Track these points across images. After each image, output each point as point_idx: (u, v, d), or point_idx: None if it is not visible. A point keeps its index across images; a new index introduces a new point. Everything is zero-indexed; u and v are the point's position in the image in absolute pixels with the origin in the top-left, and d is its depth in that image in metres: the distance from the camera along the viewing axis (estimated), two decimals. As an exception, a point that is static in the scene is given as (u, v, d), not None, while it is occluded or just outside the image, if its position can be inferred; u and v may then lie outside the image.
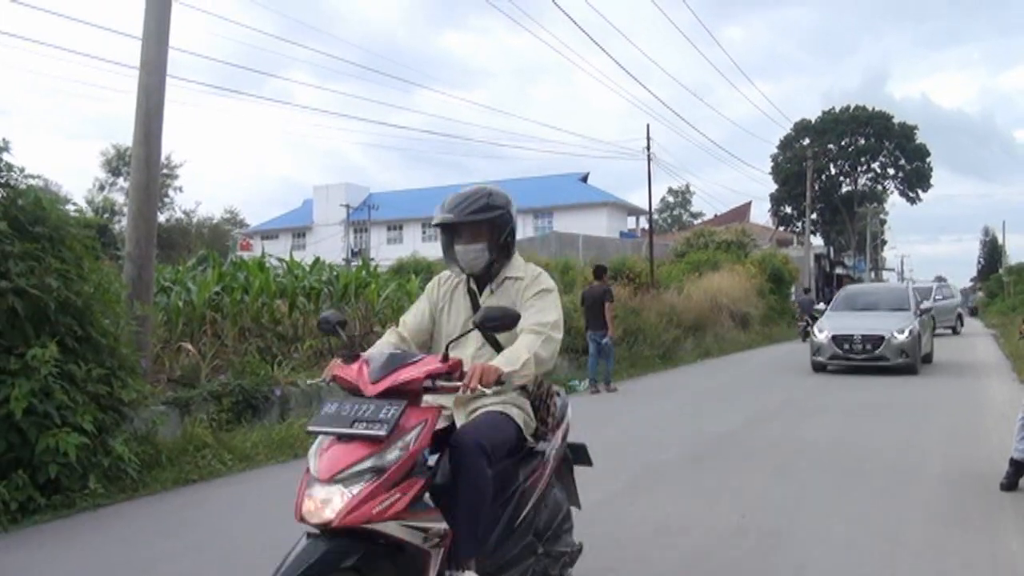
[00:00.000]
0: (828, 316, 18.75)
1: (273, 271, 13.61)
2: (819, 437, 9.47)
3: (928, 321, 18.98)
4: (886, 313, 17.88)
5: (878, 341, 16.53)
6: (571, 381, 15.02)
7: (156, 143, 9.59)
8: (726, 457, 8.45)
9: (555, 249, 43.95)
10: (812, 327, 19.04)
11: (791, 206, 71.88)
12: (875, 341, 16.56)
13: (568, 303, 17.64)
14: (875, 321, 17.29)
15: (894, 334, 16.53)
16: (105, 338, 7.10)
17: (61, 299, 6.62)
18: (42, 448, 6.21)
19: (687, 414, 11.64)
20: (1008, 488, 6.55)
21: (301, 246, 65.47)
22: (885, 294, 20.13)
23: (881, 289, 22.76)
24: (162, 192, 61.77)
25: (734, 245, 39.33)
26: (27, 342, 6.39)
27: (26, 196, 6.90)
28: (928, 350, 18.66)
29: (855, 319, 17.75)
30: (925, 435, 9.53)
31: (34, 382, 6.19)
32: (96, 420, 6.68)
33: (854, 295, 20.35)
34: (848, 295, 20.41)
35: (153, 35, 9.50)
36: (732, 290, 28.71)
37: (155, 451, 7.60)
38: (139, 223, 9.44)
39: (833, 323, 17.75)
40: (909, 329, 16.70)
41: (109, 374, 6.99)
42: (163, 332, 10.52)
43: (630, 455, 8.70)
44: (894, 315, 17.56)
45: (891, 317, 17.39)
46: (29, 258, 6.51)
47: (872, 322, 17.23)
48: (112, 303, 7.46)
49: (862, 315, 18.10)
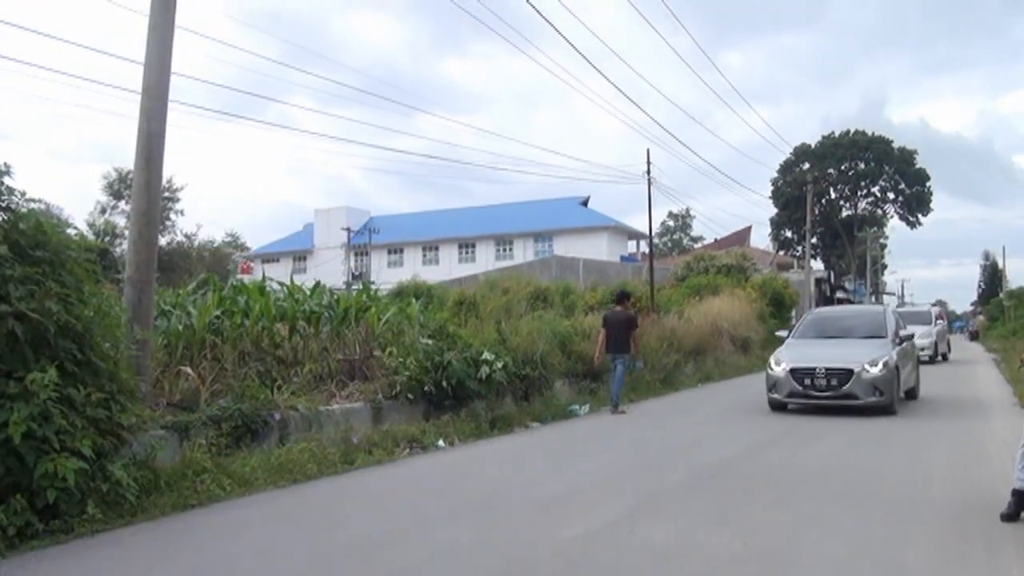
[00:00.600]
0: (789, 345, 16.03)
1: (274, 295, 13.59)
2: (819, 464, 9.43)
3: (911, 350, 16.44)
4: (858, 341, 15.27)
5: (845, 376, 13.95)
6: (570, 406, 14.96)
7: (157, 168, 9.62)
8: (727, 483, 8.41)
9: (555, 273, 44.04)
10: None
11: (791, 230, 72.09)
12: (842, 376, 13.97)
13: (568, 327, 17.67)
14: (844, 351, 14.71)
15: (865, 367, 13.92)
16: (105, 362, 7.09)
17: (61, 323, 6.62)
18: (41, 473, 6.19)
19: (687, 439, 11.60)
20: (1009, 519, 6.50)
21: (302, 269, 65.66)
22: (858, 319, 16.93)
23: (853, 313, 19.01)
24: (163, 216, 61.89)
25: (734, 269, 39.36)
26: (26, 366, 6.38)
27: (27, 220, 6.91)
28: (911, 384, 16.13)
29: (820, 349, 15.16)
30: (926, 462, 9.49)
31: (33, 406, 6.18)
32: (95, 445, 6.65)
33: (822, 320, 17.35)
34: (815, 320, 17.50)
35: (155, 61, 9.55)
36: (732, 314, 28.68)
37: (154, 476, 7.56)
38: (140, 247, 9.46)
39: (793, 353, 15.10)
40: (884, 361, 14.03)
41: (108, 398, 6.96)
42: (163, 356, 10.50)
43: (630, 481, 8.68)
44: (867, 344, 14.94)
45: (863, 346, 14.82)
46: (30, 282, 6.51)
47: (840, 352, 14.66)
48: (112, 327, 7.46)
49: (829, 344, 15.49)
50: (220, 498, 7.72)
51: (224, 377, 10.53)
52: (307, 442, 9.44)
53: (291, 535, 6.52)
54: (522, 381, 14.27)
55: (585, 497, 7.88)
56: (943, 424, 12.87)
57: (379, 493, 8.34)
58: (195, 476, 7.87)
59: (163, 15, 9.61)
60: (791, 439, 11.49)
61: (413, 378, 11.99)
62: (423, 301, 19.71)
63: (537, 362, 14.71)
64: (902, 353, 15.00)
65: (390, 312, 14.62)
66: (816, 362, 14.37)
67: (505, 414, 13.07)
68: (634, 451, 10.78)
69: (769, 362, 15.32)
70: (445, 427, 11.67)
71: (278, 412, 9.69)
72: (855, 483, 8.27)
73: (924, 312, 31.52)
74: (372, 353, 12.68)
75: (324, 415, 10.37)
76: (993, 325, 56.65)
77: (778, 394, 14.62)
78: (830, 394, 14.02)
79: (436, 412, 12.17)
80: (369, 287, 16.64)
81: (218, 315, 11.85)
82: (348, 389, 11.79)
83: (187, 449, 8.30)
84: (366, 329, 13.17)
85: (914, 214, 73.03)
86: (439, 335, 13.60)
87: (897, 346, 14.90)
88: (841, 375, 13.97)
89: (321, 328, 13.14)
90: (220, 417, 9.01)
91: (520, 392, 14.28)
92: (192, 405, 9.41)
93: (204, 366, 10.64)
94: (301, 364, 11.83)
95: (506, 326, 15.72)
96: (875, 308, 19.04)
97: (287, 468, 8.71)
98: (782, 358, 14.94)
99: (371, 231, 63.49)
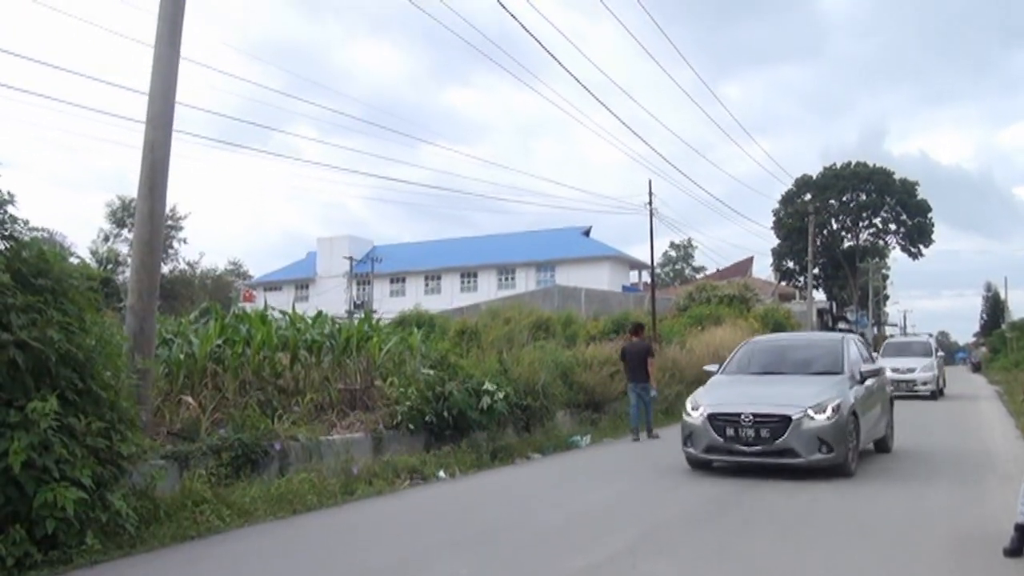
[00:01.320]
0: (714, 384, 12.32)
1: (275, 323, 13.59)
2: (821, 499, 9.35)
3: (879, 389, 12.74)
4: (805, 379, 11.68)
5: (780, 426, 10.40)
6: (572, 438, 14.90)
7: (160, 197, 9.66)
8: (727, 519, 8.35)
9: (557, 302, 44.01)
10: None
11: (793, 261, 72.04)
12: (775, 426, 10.42)
13: (570, 357, 17.64)
14: (783, 391, 11.18)
15: (808, 413, 10.39)
16: (106, 391, 7.08)
17: (62, 352, 6.61)
18: (40, 502, 6.16)
19: (688, 472, 11.51)
20: (1012, 554, 6.44)
21: (304, 298, 65.61)
22: (808, 350, 12.99)
23: (803, 342, 14.27)
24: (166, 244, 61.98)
25: (736, 299, 39.33)
26: (27, 395, 6.37)
27: (30, 248, 6.94)
28: (881, 433, 12.83)
29: (753, 387, 11.75)
30: (929, 498, 9.42)
31: (33, 435, 6.16)
32: (95, 474, 6.63)
33: (762, 351, 13.38)
34: (753, 350, 13.47)
35: (160, 91, 9.61)
36: (735, 345, 28.54)
37: (153, 506, 7.53)
38: (142, 276, 9.48)
39: (717, 395, 11.55)
40: (833, 405, 10.50)
41: (109, 428, 6.95)
42: (164, 384, 10.49)
43: (631, 513, 8.64)
44: (816, 382, 11.41)
45: (810, 384, 11.27)
46: (31, 310, 6.52)
47: (777, 393, 11.14)
48: (113, 356, 7.45)
49: (765, 382, 12.00)
50: (220, 529, 7.69)
51: (225, 406, 10.51)
52: (307, 472, 9.41)
53: (290, 567, 6.48)
54: (523, 412, 14.23)
55: (586, 529, 7.83)
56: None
57: (379, 524, 8.30)
58: (195, 506, 7.84)
59: (168, 47, 9.69)
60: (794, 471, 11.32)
61: (414, 408, 11.97)
62: (425, 331, 19.67)
63: (538, 392, 14.69)
64: (866, 394, 11.76)
65: (392, 342, 14.60)
66: (743, 407, 10.78)
67: (506, 445, 13.02)
68: (635, 483, 10.72)
69: (685, 406, 11.72)
70: (446, 458, 11.62)
71: (279, 442, 9.66)
72: (859, 518, 8.20)
73: (922, 343, 29.88)
74: (373, 383, 12.67)
75: (325, 445, 10.34)
76: (995, 357, 56.56)
77: (694, 448, 11.12)
78: (759, 448, 10.51)
79: (437, 443, 12.14)
80: (371, 316, 16.63)
81: (220, 344, 11.84)
82: (349, 419, 11.76)
83: (187, 479, 8.27)
84: (367, 359, 13.16)
85: (916, 245, 73.02)
86: (440, 365, 13.58)
87: (857, 384, 11.62)
88: (775, 424, 10.45)
89: (323, 357, 13.13)
90: (220, 447, 8.99)
91: (521, 423, 14.25)
92: (192, 434, 9.39)
93: (205, 395, 10.64)
94: (302, 393, 11.81)
95: (507, 356, 15.70)
96: (831, 336, 15.30)
97: (287, 499, 8.68)
98: (700, 401, 11.43)
99: (373, 260, 63.56)
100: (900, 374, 24.85)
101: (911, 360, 26.69)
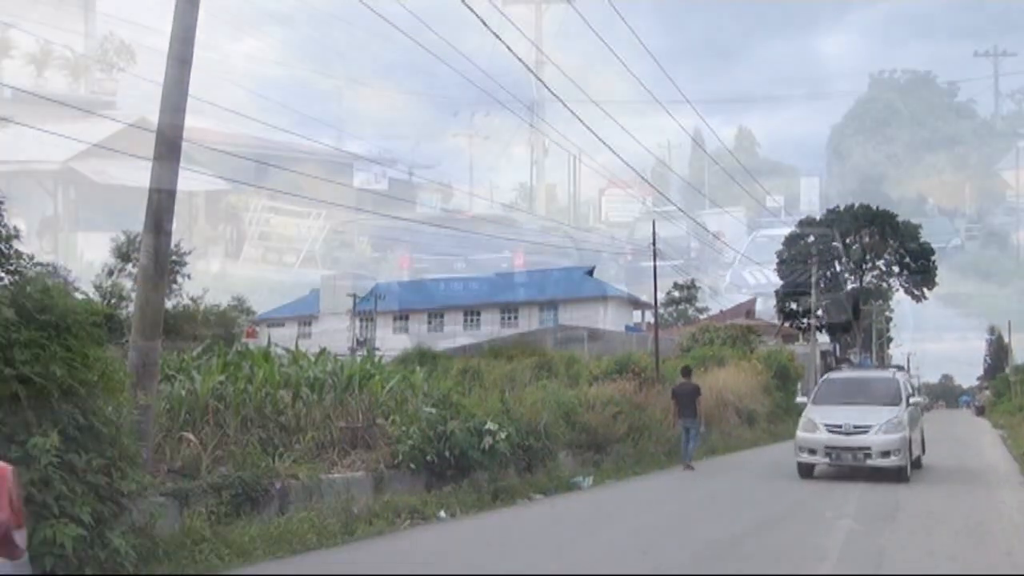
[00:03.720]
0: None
1: (278, 360, 13.56)
2: (832, 544, 9.26)
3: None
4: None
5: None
6: (574, 478, 14.75)
7: (166, 234, 9.69)
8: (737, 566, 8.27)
9: (560, 342, 43.92)
10: None
11: (796, 302, 71.90)
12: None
13: (573, 397, 17.57)
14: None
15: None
16: (107, 427, 7.05)
17: (65, 387, 6.60)
18: (39, 539, 6.09)
19: (691, 517, 11.42)
20: None
21: (307, 334, 65.56)
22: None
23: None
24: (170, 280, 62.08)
25: (740, 340, 39.25)
26: (28, 430, 6.35)
27: (35, 284, 6.95)
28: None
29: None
30: (939, 541, 9.34)
31: (33, 471, 6.12)
32: (94, 512, 6.58)
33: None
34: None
35: (167, 128, 9.68)
36: (738, 386, 28.50)
37: (153, 544, 7.47)
38: (146, 312, 9.48)
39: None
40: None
41: (109, 464, 6.91)
42: (165, 421, 10.43)
43: (633, 559, 8.56)
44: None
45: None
46: (34, 345, 6.52)
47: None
48: (115, 392, 7.43)
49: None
50: (218, 569, 7.62)
51: (226, 443, 10.45)
52: (307, 512, 9.34)
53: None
54: (525, 452, 14.13)
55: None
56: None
57: (378, 566, 8.23)
58: (194, 545, 7.78)
59: (176, 86, 9.77)
60: (802, 516, 11.31)
61: (416, 447, 11.89)
62: (427, 369, 19.62)
63: (541, 433, 14.59)
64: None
65: (394, 380, 14.55)
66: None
67: (508, 485, 12.92)
68: (637, 527, 10.65)
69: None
70: (447, 498, 11.53)
71: (279, 481, 9.61)
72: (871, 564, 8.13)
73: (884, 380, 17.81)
74: (375, 421, 12.60)
75: (325, 484, 10.26)
76: (999, 400, 56.31)
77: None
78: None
79: (438, 482, 12.04)
80: (373, 354, 16.60)
81: (222, 380, 11.81)
82: (350, 458, 11.69)
83: (187, 517, 8.22)
84: (370, 397, 13.12)
85: (919, 288, 73.00)
86: (442, 404, 13.50)
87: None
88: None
89: (325, 395, 13.07)
90: (221, 485, 8.93)
91: (523, 463, 14.14)
92: (193, 472, 9.34)
93: (206, 432, 10.58)
94: (304, 431, 11.74)
95: (510, 396, 15.63)
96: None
97: (286, 538, 8.60)
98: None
99: (377, 297, 63.53)
100: (841, 435, 15.22)
101: (863, 411, 15.64)
